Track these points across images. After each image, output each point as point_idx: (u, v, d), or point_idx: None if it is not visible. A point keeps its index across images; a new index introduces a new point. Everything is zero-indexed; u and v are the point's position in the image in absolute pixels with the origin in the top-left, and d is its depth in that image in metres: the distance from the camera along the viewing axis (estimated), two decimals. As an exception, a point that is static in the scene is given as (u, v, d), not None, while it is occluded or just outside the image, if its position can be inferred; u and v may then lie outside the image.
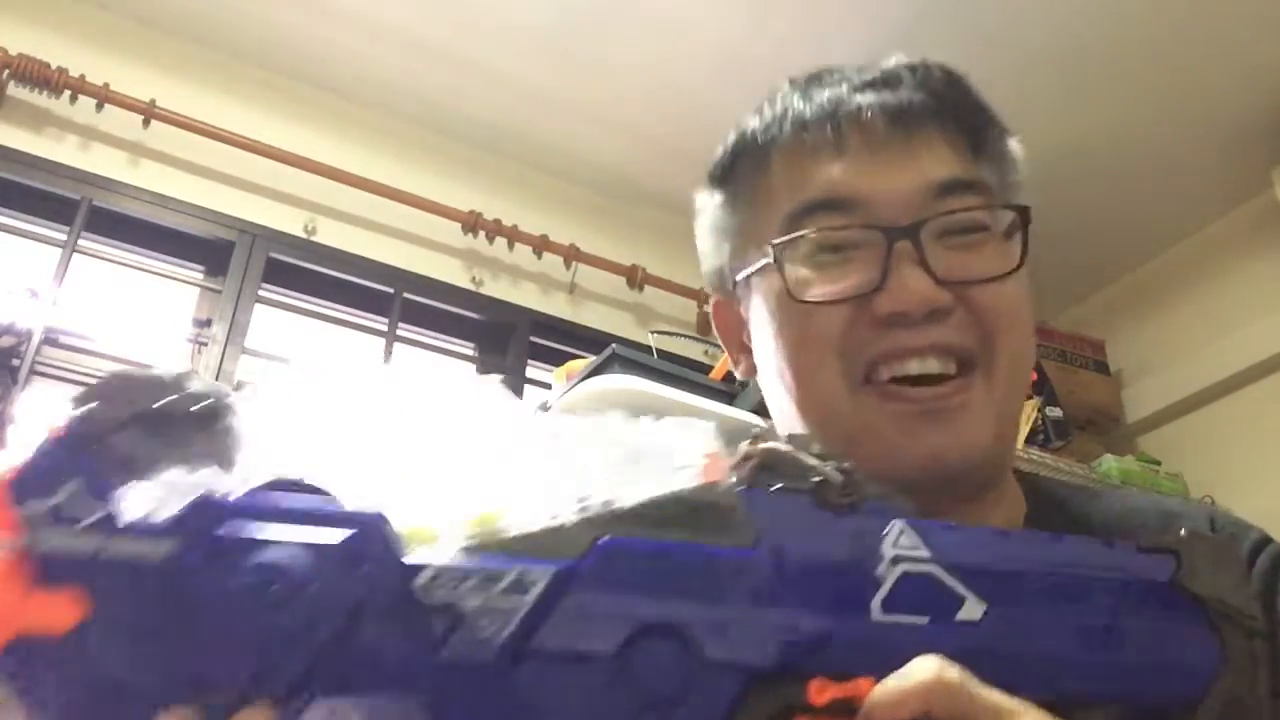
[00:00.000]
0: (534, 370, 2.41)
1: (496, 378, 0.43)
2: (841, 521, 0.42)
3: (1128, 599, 0.43)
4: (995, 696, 0.38)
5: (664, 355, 2.17)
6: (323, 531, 0.38)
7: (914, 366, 0.60)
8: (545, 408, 2.00)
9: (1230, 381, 2.44)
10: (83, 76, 2.03)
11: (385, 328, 2.26)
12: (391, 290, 2.29)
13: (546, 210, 2.48)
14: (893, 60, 0.66)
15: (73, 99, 2.04)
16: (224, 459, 0.39)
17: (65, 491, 0.37)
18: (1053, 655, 0.42)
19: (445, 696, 0.37)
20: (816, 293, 0.61)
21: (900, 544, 0.42)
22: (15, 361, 1.76)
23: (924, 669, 0.37)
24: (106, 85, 2.04)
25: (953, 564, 0.42)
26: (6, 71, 1.97)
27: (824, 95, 0.65)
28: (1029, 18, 2.09)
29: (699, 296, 2.52)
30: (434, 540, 0.39)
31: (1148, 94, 2.25)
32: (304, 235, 2.22)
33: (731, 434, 0.45)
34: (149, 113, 2.07)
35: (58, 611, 0.36)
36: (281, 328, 2.20)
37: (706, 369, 2.17)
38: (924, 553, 0.42)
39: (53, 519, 0.36)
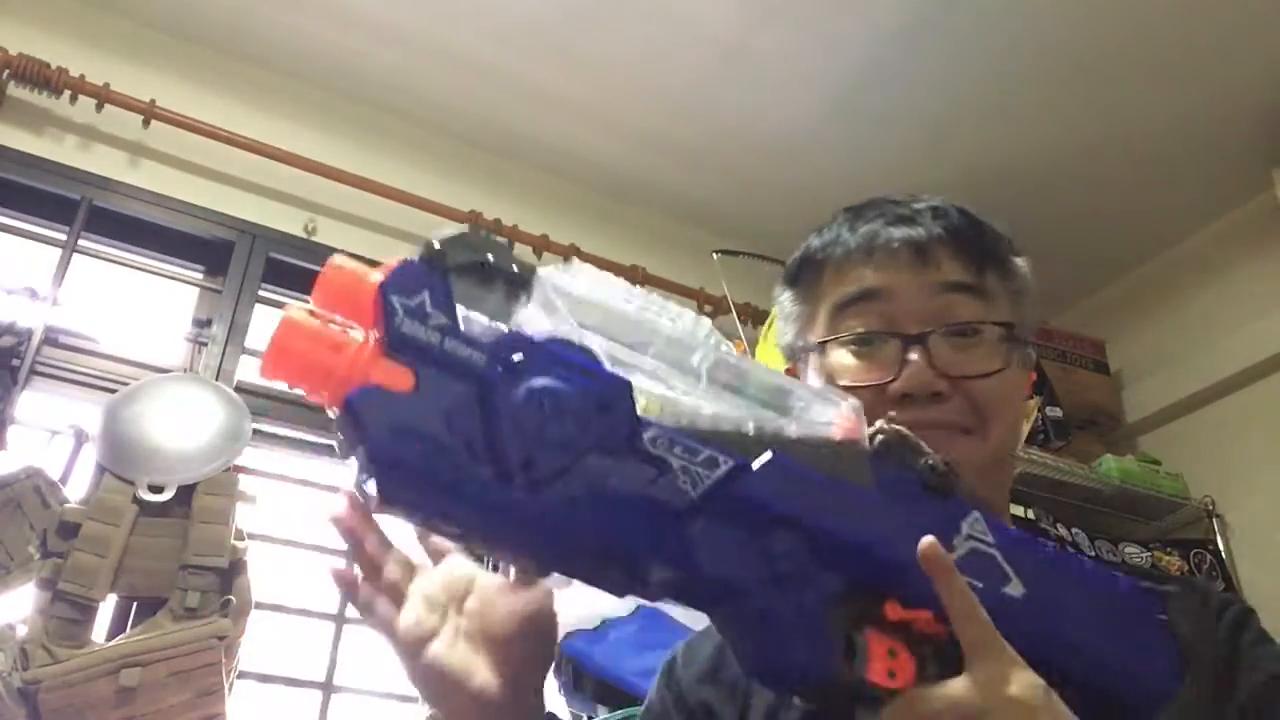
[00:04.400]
0: (534, 370, 2.41)
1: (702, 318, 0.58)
2: (937, 500, 0.57)
3: (1127, 615, 0.59)
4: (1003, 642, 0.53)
5: (664, 355, 2.17)
6: (588, 381, 0.51)
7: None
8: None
9: (1230, 381, 2.44)
10: (83, 76, 2.03)
11: (385, 328, 2.26)
12: (391, 290, 2.29)
13: (546, 210, 2.48)
14: (920, 202, 0.88)
15: (73, 99, 2.04)
16: (520, 319, 0.53)
17: (420, 297, 0.50)
18: (1068, 640, 0.57)
19: (640, 525, 0.50)
20: (850, 379, 0.81)
21: (974, 529, 0.57)
22: (15, 361, 1.76)
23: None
24: (106, 85, 2.04)
25: (1009, 553, 0.57)
26: (6, 71, 1.97)
27: (865, 228, 0.86)
28: (1029, 18, 2.09)
29: (699, 296, 2.52)
30: (651, 412, 0.53)
31: (1148, 94, 2.25)
32: (304, 235, 2.22)
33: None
34: (149, 113, 2.07)
35: (398, 377, 0.48)
36: (281, 328, 2.19)
37: (706, 369, 2.17)
38: (991, 539, 0.57)
39: (410, 313, 0.49)
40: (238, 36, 2.23)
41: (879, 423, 0.58)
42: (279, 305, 2.20)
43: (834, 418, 0.57)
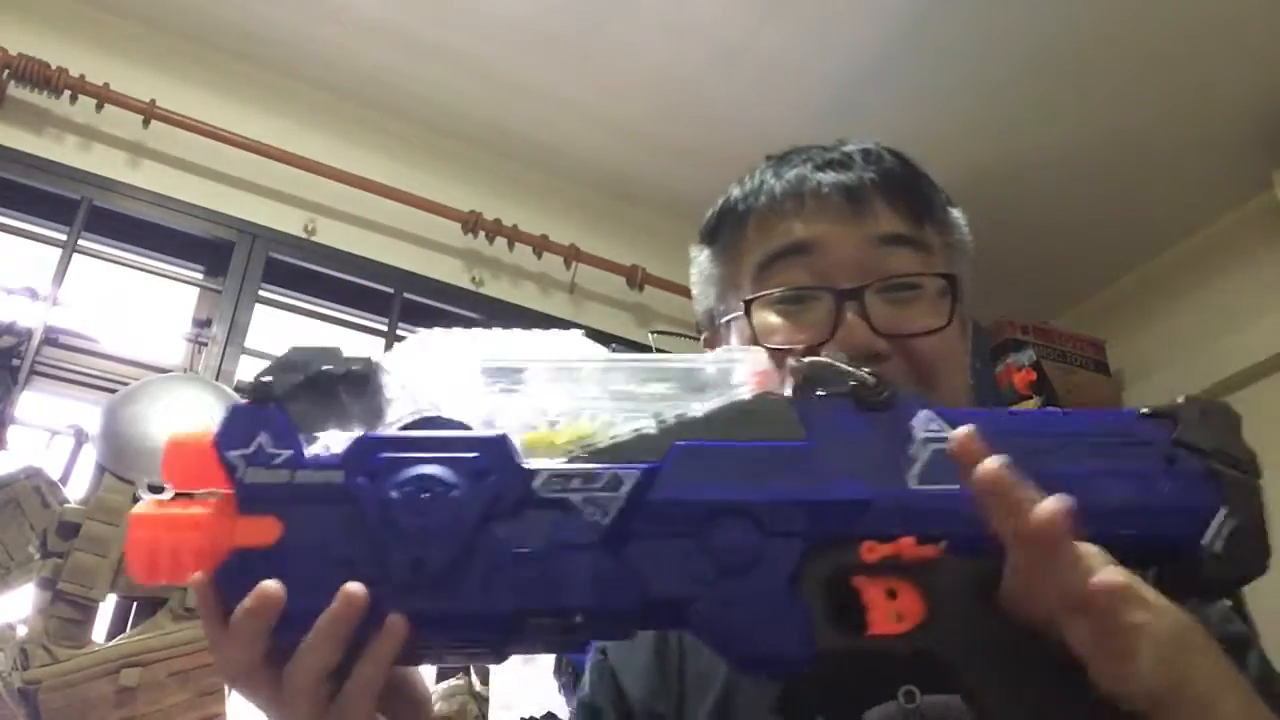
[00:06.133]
0: (534, 370, 2.41)
1: (578, 333, 0.55)
2: (879, 416, 0.51)
3: (1131, 456, 0.52)
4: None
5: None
6: (459, 452, 0.48)
7: None
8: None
9: (1230, 381, 2.44)
10: (83, 76, 2.03)
11: (385, 328, 2.26)
12: (391, 290, 2.29)
13: (546, 210, 2.48)
14: (850, 144, 0.80)
15: (73, 99, 2.04)
16: (376, 413, 0.51)
17: (257, 441, 0.48)
18: (1078, 497, 0.48)
19: (562, 571, 0.47)
20: (779, 339, 0.73)
21: (930, 428, 0.50)
22: (15, 361, 1.76)
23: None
24: (106, 85, 2.04)
25: (980, 434, 0.49)
26: (6, 71, 1.97)
27: (791, 173, 0.79)
28: (1030, 18, 2.09)
29: (699, 296, 2.51)
30: (547, 447, 0.50)
31: (1148, 94, 2.24)
32: (304, 235, 2.22)
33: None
34: (149, 113, 2.07)
35: (262, 531, 0.47)
36: (281, 328, 2.19)
37: (706, 369, 2.17)
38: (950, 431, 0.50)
39: (251, 461, 0.48)
40: (237, 36, 2.23)
41: (789, 362, 0.53)
42: (279, 305, 2.20)
43: (744, 378, 0.52)
